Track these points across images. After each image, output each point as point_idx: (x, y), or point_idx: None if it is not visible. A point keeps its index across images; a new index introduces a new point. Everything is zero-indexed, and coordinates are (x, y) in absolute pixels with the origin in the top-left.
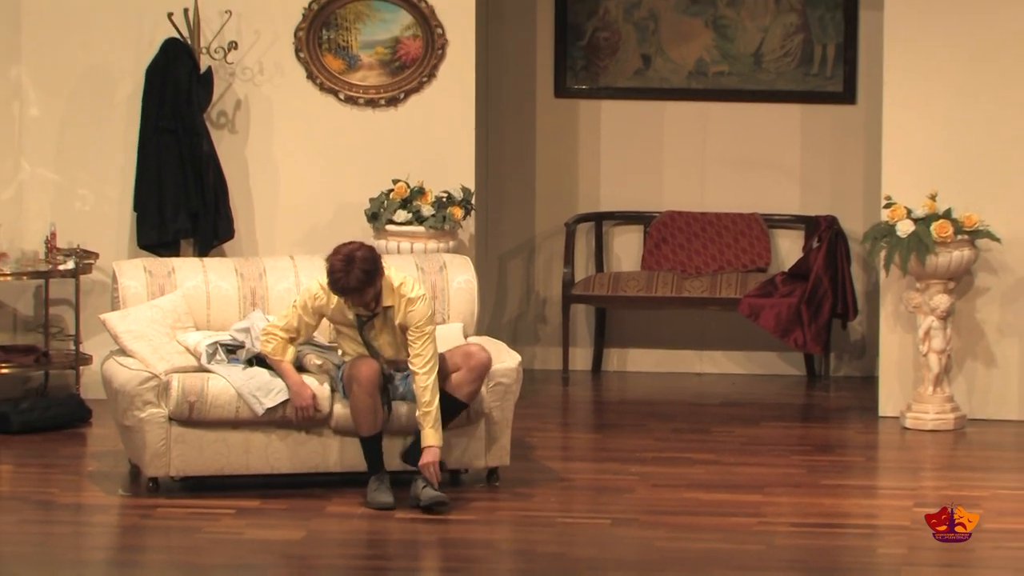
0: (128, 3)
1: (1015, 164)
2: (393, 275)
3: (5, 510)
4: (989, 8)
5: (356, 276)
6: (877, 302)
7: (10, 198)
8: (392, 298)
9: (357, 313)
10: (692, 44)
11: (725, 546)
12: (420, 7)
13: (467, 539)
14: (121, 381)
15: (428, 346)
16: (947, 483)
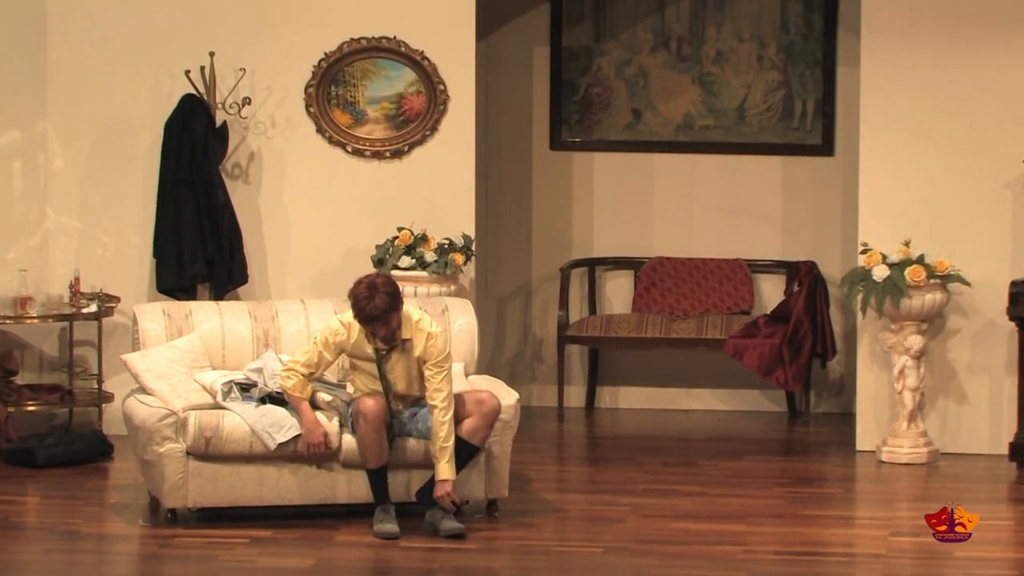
0: (147, 60)
1: (984, 213)
2: (411, 311)
3: (32, 540)
4: (959, 67)
5: (381, 300)
6: (854, 342)
7: (36, 245)
8: (410, 331)
9: (376, 347)
10: (680, 99)
11: (711, 573)
12: (423, 65)
13: (468, 567)
14: (141, 418)
15: (446, 382)
16: (921, 514)
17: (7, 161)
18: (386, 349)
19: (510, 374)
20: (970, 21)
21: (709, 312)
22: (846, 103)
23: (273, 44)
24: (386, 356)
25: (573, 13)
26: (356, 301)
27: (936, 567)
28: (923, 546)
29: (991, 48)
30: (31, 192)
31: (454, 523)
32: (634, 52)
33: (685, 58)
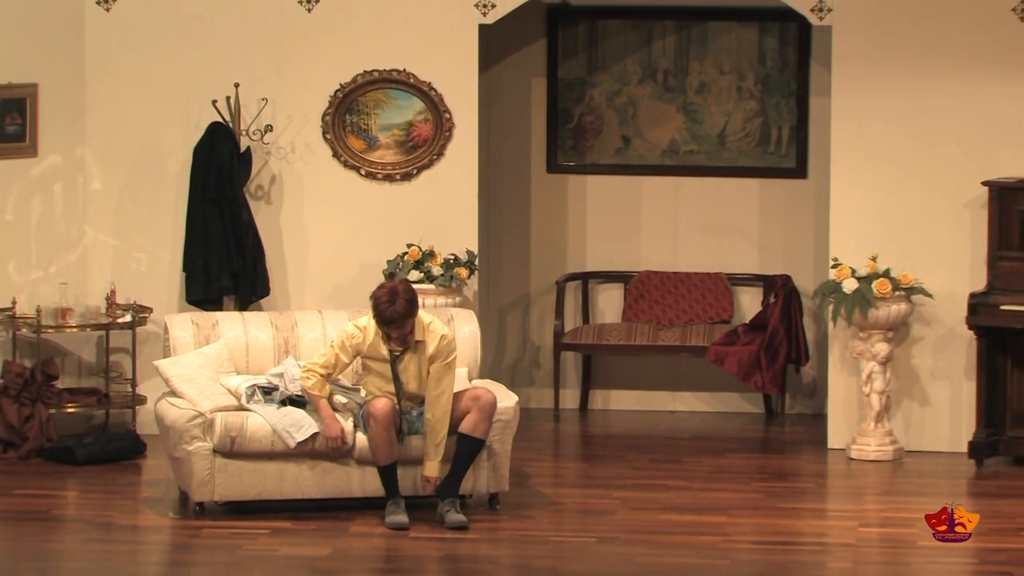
0: (177, 91)
1: (945, 230)
2: (423, 315)
3: (71, 531)
4: (921, 97)
5: (401, 305)
6: (826, 349)
7: (76, 260)
8: (423, 334)
9: (391, 348)
10: (665, 127)
11: (695, 561)
12: (430, 95)
13: (472, 555)
14: (172, 419)
15: (449, 384)
16: (887, 506)
17: (49, 184)
18: (400, 351)
19: (510, 378)
20: (931, 55)
21: (692, 321)
22: (818, 130)
23: (293, 76)
24: (400, 357)
25: (568, 47)
26: (377, 303)
27: (901, 555)
28: (890, 536)
29: (950, 80)
30: (71, 212)
31: (457, 516)
32: (624, 83)
33: (670, 89)
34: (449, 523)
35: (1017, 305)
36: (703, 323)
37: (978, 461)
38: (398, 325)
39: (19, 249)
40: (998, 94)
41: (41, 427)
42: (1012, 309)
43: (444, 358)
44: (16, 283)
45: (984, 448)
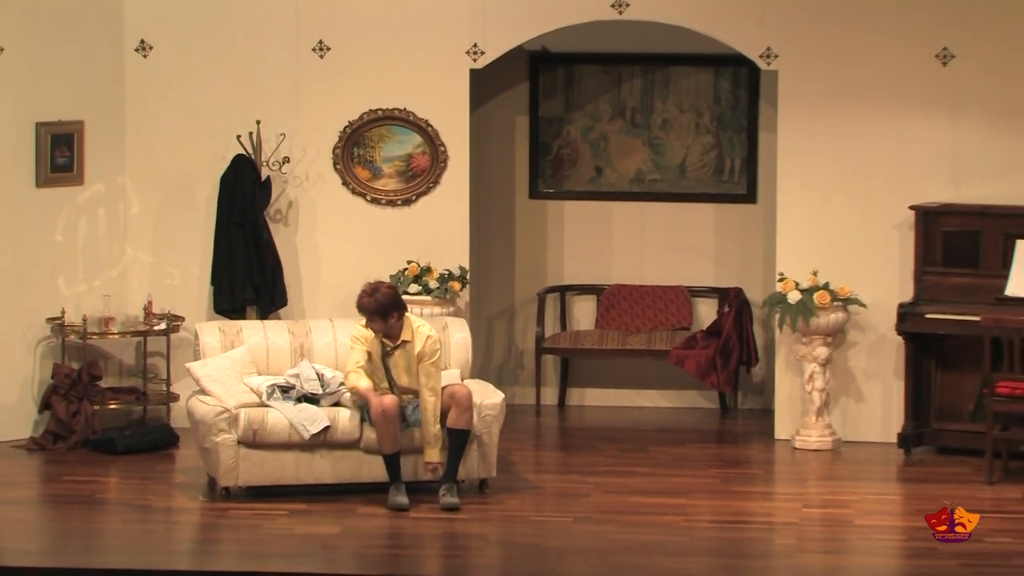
0: (205, 127)
1: (877, 248)
2: (413, 319)
3: (112, 512)
4: (857, 132)
5: (376, 300)
6: (773, 352)
7: (117, 275)
8: (410, 335)
9: (383, 343)
10: (633, 158)
11: (659, 538)
12: (428, 131)
13: (464, 532)
14: (201, 414)
15: (437, 380)
16: (827, 490)
17: (93, 208)
18: (391, 347)
19: (497, 378)
20: (864, 96)
21: (656, 328)
22: (766, 161)
23: (307, 114)
24: (390, 353)
25: (547, 89)
26: (360, 296)
27: (839, 533)
28: (829, 516)
29: (882, 117)
30: (112, 233)
31: (452, 499)
32: (596, 120)
33: (637, 125)
34: (443, 505)
35: (940, 314)
36: (666, 330)
37: (906, 450)
38: (380, 317)
39: (67, 266)
40: (923, 130)
41: (87, 421)
42: (936, 317)
43: (430, 357)
44: (65, 295)
45: (912, 439)
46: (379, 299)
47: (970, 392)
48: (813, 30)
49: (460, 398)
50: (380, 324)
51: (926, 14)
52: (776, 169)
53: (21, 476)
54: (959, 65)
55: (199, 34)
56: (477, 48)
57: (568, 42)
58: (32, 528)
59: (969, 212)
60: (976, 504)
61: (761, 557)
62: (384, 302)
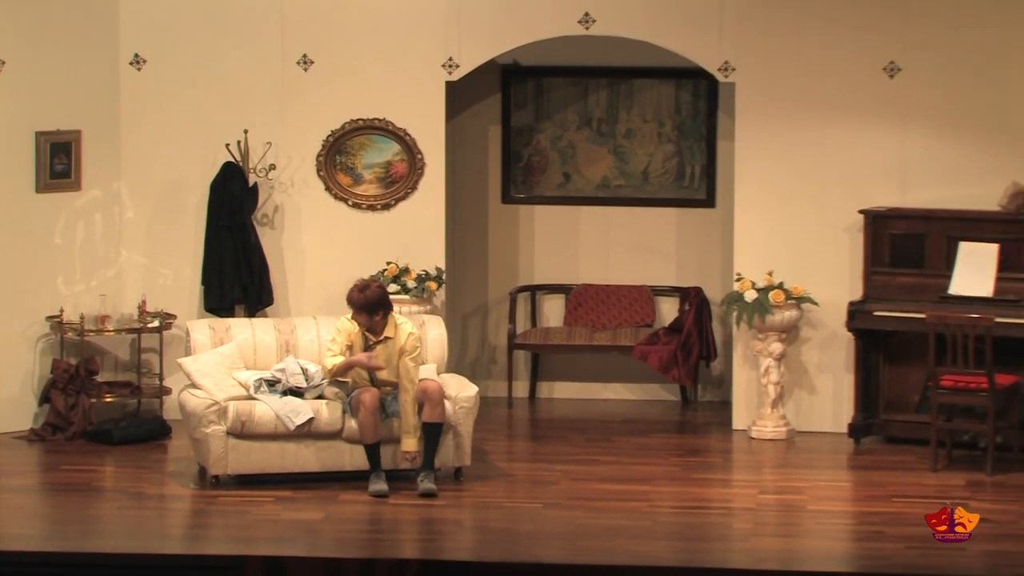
0: (196, 136)
1: (828, 250)
2: (397, 316)
3: (108, 499)
4: (809, 141)
5: (367, 296)
6: (731, 348)
7: (113, 276)
8: (393, 331)
9: (366, 336)
10: (599, 165)
11: (624, 522)
12: (406, 139)
13: (440, 518)
14: (192, 406)
15: (417, 372)
16: (781, 477)
17: (90, 213)
18: (374, 342)
19: (472, 372)
20: (816, 106)
21: (621, 325)
22: (724, 168)
23: (292, 124)
24: (372, 347)
25: (518, 100)
26: (351, 292)
27: (793, 517)
28: (783, 501)
29: (833, 126)
30: (108, 236)
31: (429, 486)
32: (564, 129)
33: (603, 134)
34: (422, 491)
35: (887, 311)
36: (630, 327)
37: (856, 440)
38: (367, 313)
39: (65, 267)
40: (871, 139)
41: (84, 413)
42: (883, 314)
43: (411, 352)
44: (63, 295)
45: (861, 429)
46: (368, 296)
47: (916, 385)
48: (768, 45)
49: (431, 393)
50: (365, 319)
51: (874, 30)
52: (734, 176)
53: (22, 465)
54: (905, 78)
55: (190, 49)
56: (452, 61)
57: (538, 56)
58: (32, 514)
59: (915, 216)
60: (921, 491)
61: (720, 540)
62: (372, 299)
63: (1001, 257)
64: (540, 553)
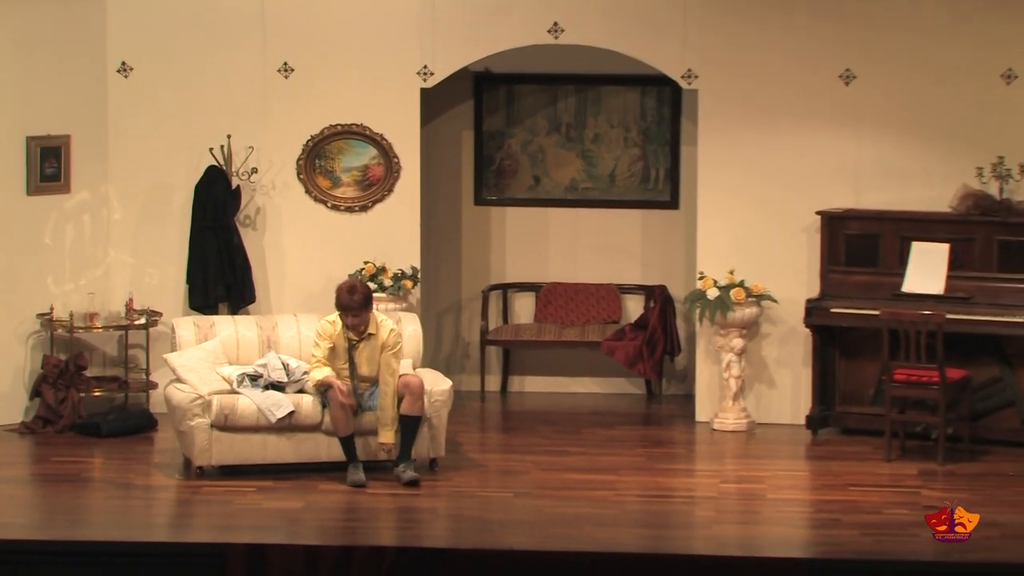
0: (181, 141)
1: (787, 250)
2: (377, 314)
3: (96, 490)
4: (768, 146)
5: (357, 297)
6: (694, 343)
7: (101, 275)
8: (375, 328)
9: (348, 337)
10: (567, 168)
11: (592, 510)
12: (382, 144)
13: (415, 507)
14: (178, 400)
15: (397, 367)
16: (742, 467)
17: (79, 214)
18: (356, 340)
19: (446, 367)
20: (775, 112)
21: (589, 322)
22: (687, 171)
23: (274, 129)
24: (356, 345)
25: (490, 106)
26: (339, 293)
27: (753, 505)
28: (744, 490)
29: (791, 132)
30: (97, 236)
31: (412, 474)
32: (535, 134)
33: (571, 139)
34: (405, 480)
35: (843, 308)
36: (597, 323)
37: (813, 431)
38: (353, 312)
39: (55, 266)
40: (828, 143)
41: (73, 407)
42: (840, 311)
43: (392, 348)
44: (53, 293)
45: (818, 421)
46: (357, 297)
47: (870, 378)
48: (729, 53)
49: (413, 387)
50: (353, 319)
51: (831, 39)
52: (696, 178)
53: (13, 457)
54: (860, 85)
55: (175, 57)
56: (427, 69)
57: (509, 64)
58: (23, 504)
59: (869, 217)
60: (876, 480)
61: (683, 528)
62: (361, 299)
63: (951, 256)
64: (511, 540)
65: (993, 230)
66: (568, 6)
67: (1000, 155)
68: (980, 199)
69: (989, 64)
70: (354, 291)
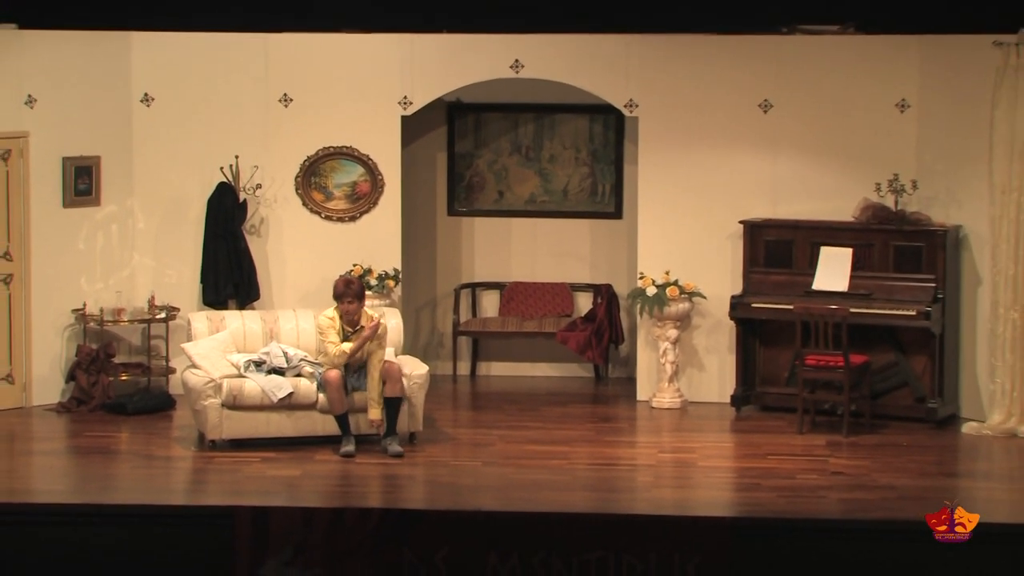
0: (195, 160)
1: (715, 254)
2: (367, 310)
3: (123, 461)
4: (699, 164)
5: (354, 287)
6: (635, 333)
7: (127, 275)
8: (365, 320)
9: (344, 329)
10: (527, 184)
11: (549, 477)
12: (369, 163)
13: (397, 474)
14: (193, 383)
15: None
16: (677, 439)
17: (108, 224)
18: (351, 331)
19: (423, 354)
20: (704, 136)
21: (546, 315)
22: (629, 187)
23: (275, 150)
24: (349, 337)
25: (461, 131)
26: (337, 285)
27: (686, 472)
28: (678, 459)
29: (718, 153)
30: (123, 243)
31: (398, 448)
32: (498, 155)
33: (530, 159)
34: (391, 452)
35: (763, 303)
36: (553, 316)
37: (737, 408)
38: (349, 300)
39: (88, 268)
40: (749, 162)
41: (103, 389)
42: (759, 306)
43: (377, 339)
44: (86, 291)
45: (741, 399)
46: (355, 287)
47: (785, 363)
48: (665, 86)
49: (392, 372)
50: (351, 308)
51: (751, 74)
52: (637, 193)
53: (51, 433)
54: (776, 113)
55: (190, 89)
56: (407, 99)
57: (477, 95)
58: (60, 473)
59: (784, 226)
60: (790, 450)
61: (627, 491)
62: (359, 289)
63: (854, 259)
64: (480, 502)
65: (889, 236)
66: (528, 45)
67: (895, 172)
68: (878, 210)
69: (886, 96)
70: (351, 283)
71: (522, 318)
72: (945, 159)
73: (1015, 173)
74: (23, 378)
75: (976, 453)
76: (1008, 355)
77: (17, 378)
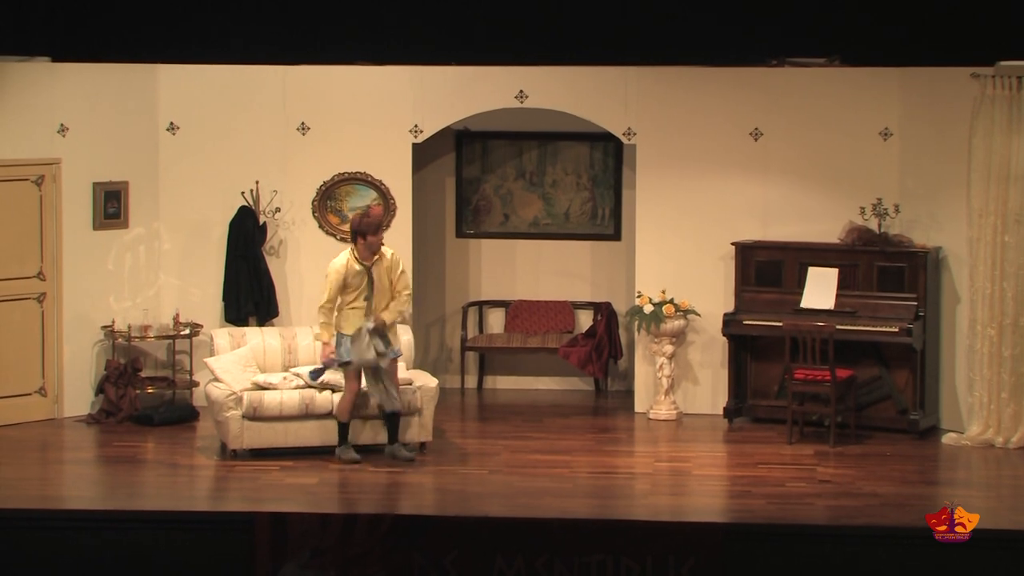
0: (218, 185)
1: (708, 273)
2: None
3: (150, 469)
4: (694, 189)
5: (370, 219)
6: (633, 349)
7: (153, 294)
8: (381, 255)
9: (362, 263)
10: (531, 208)
11: (552, 484)
12: (381, 188)
13: (406, 482)
14: (215, 396)
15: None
16: (672, 449)
17: (136, 245)
18: (369, 265)
19: (433, 368)
20: (699, 162)
21: (549, 332)
22: (628, 210)
23: (293, 176)
24: (372, 267)
25: (468, 157)
26: (354, 219)
27: (682, 480)
28: (674, 468)
29: (712, 177)
30: (150, 263)
31: (409, 453)
32: (504, 180)
33: (534, 184)
34: (402, 457)
35: (754, 320)
36: (555, 333)
37: (729, 420)
38: (371, 232)
39: (116, 287)
40: (741, 186)
41: (131, 401)
42: (751, 323)
43: (398, 267)
44: (114, 309)
45: (733, 412)
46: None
47: (776, 377)
48: (662, 115)
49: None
50: (368, 240)
51: (743, 103)
52: (635, 216)
53: (81, 442)
54: (767, 140)
55: (213, 118)
56: (417, 128)
57: (484, 123)
58: (90, 480)
59: (774, 247)
60: (780, 459)
61: (625, 498)
62: (375, 219)
63: (840, 279)
64: (486, 509)
65: (873, 257)
66: (532, 77)
67: (879, 196)
68: (863, 232)
69: (869, 124)
70: (365, 215)
71: (526, 334)
72: (926, 184)
73: (992, 197)
74: (55, 391)
75: (955, 462)
76: (985, 370)
77: (49, 391)
